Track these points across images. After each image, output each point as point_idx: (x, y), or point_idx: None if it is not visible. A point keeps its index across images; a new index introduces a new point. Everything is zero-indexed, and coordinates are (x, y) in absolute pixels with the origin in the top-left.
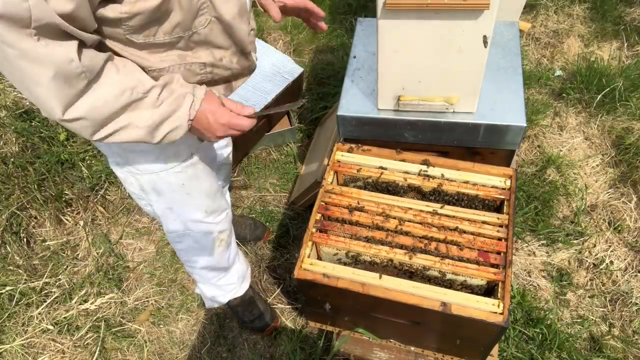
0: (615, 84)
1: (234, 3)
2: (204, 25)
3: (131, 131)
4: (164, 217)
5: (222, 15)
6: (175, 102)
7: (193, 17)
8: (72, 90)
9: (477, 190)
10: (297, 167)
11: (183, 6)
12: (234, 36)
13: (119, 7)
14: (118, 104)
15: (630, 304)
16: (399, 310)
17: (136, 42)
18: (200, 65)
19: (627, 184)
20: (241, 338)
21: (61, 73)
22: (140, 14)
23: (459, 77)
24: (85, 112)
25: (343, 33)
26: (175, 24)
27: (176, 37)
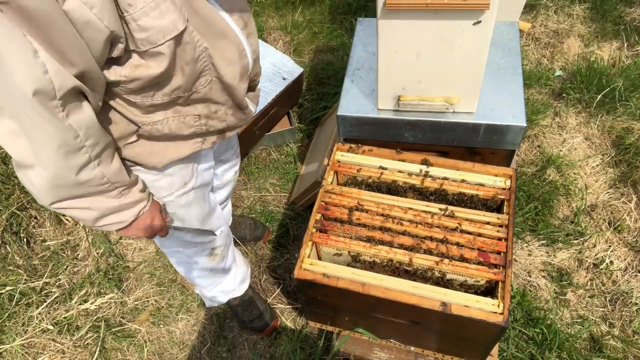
0: (615, 84)
1: (236, 65)
2: (204, 85)
3: (85, 212)
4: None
5: (223, 77)
6: (131, 200)
7: (194, 80)
8: (69, 164)
9: (477, 190)
10: (297, 167)
11: (185, 72)
12: (232, 95)
13: (120, 70)
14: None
15: (630, 304)
16: (399, 310)
17: (132, 100)
18: (194, 117)
19: (627, 184)
20: (241, 338)
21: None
22: (140, 79)
23: (459, 77)
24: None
25: (343, 33)
26: (176, 87)
27: (175, 97)
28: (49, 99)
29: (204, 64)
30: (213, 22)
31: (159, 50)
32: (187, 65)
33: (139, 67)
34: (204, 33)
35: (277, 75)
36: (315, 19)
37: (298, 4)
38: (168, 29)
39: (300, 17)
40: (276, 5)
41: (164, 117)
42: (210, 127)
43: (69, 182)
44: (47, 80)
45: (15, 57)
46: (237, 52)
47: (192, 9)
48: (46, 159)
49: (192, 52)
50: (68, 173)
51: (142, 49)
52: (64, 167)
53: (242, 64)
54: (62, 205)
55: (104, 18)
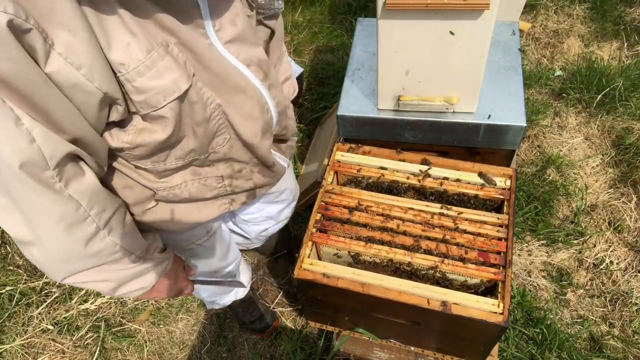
0: (615, 84)
1: (256, 121)
2: (222, 145)
3: (101, 284)
4: None
5: (242, 135)
6: (151, 264)
7: (209, 141)
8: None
9: (477, 190)
10: (297, 167)
11: (198, 134)
12: (255, 153)
13: (122, 136)
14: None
15: (630, 304)
16: (399, 310)
17: (142, 167)
18: (217, 178)
19: (627, 184)
20: (241, 338)
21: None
22: (143, 145)
23: (459, 77)
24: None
25: (343, 33)
26: (189, 150)
27: (190, 160)
28: (41, 169)
29: (218, 123)
30: (226, 76)
31: (161, 114)
32: (198, 126)
33: (142, 131)
34: (216, 89)
35: None
36: (315, 19)
37: (298, 4)
38: (169, 90)
39: (300, 17)
40: None
41: (182, 180)
42: (236, 187)
43: (77, 255)
44: (34, 150)
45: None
46: (258, 107)
47: (200, 63)
48: (46, 236)
49: (202, 111)
50: (74, 247)
51: (142, 112)
52: (67, 241)
53: (264, 119)
54: (75, 280)
55: (94, 79)
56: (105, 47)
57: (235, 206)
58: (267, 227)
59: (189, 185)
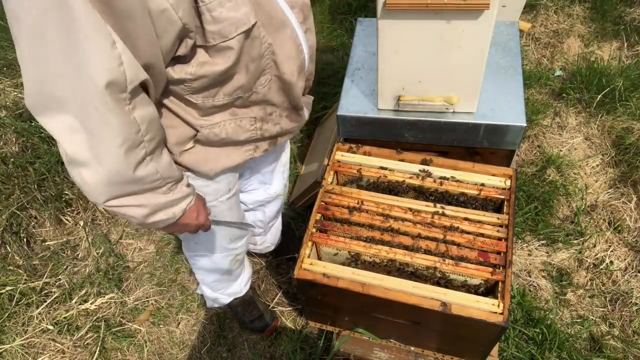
0: (615, 84)
1: (294, 60)
2: (264, 85)
3: (137, 209)
4: (186, 239)
5: (283, 74)
6: (180, 196)
7: (256, 79)
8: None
9: (477, 190)
10: (297, 167)
11: (250, 70)
12: (290, 94)
13: (185, 68)
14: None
15: (630, 304)
16: (399, 310)
17: (193, 101)
18: (250, 120)
19: (627, 184)
20: (241, 338)
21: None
22: (205, 77)
23: (459, 77)
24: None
25: (343, 33)
26: (238, 86)
27: (235, 98)
28: (120, 91)
29: (266, 62)
30: (274, 14)
31: (229, 45)
32: (252, 62)
33: (205, 64)
34: (267, 27)
35: None
36: (315, 19)
37: None
38: (241, 22)
39: None
40: None
41: (222, 119)
42: (264, 131)
43: (125, 179)
44: (120, 72)
45: (94, 47)
46: (295, 47)
47: (257, 2)
48: (107, 155)
49: (258, 48)
50: (126, 170)
51: (211, 44)
52: (123, 163)
53: (300, 59)
54: (115, 204)
55: (178, 9)
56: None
57: (258, 153)
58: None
59: (227, 124)
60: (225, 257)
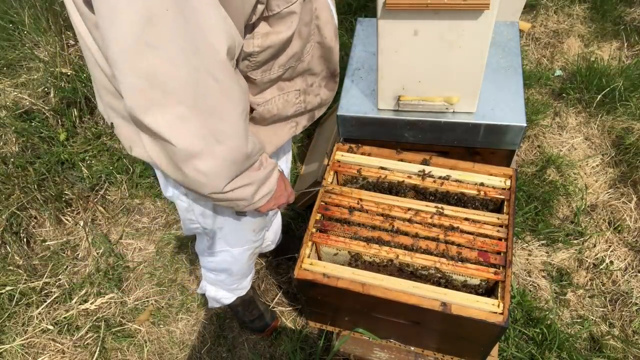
0: (615, 84)
1: (331, 24)
2: (309, 52)
3: (246, 189)
4: (207, 236)
5: (325, 38)
6: (270, 169)
7: (305, 45)
8: (245, 132)
9: (477, 190)
10: (297, 167)
11: (303, 35)
12: (329, 59)
13: (252, 41)
14: (252, 161)
15: (630, 304)
16: (399, 310)
17: (253, 78)
18: (295, 93)
19: (627, 184)
20: (241, 338)
21: (245, 111)
22: (271, 47)
23: (459, 77)
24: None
25: (343, 33)
26: (292, 54)
27: (286, 69)
28: (231, 58)
29: (313, 27)
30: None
31: (292, 9)
32: (305, 26)
33: (269, 34)
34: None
35: None
36: None
37: None
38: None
39: None
40: None
41: (272, 96)
42: (307, 103)
43: (242, 154)
44: (233, 38)
45: (212, 14)
46: (329, 12)
47: None
48: (230, 128)
49: (310, 12)
50: (244, 142)
51: (275, 11)
52: (243, 135)
53: (334, 24)
54: (233, 186)
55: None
56: None
57: (299, 129)
58: None
59: (276, 100)
60: (247, 250)
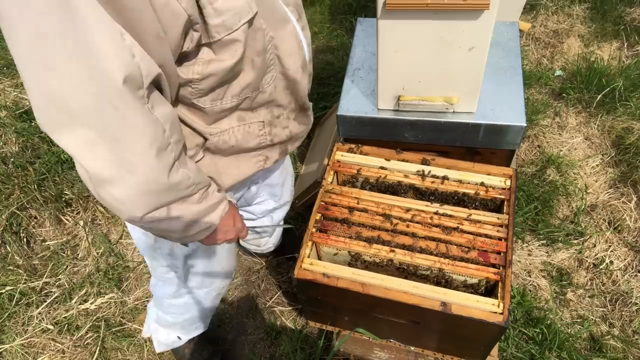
0: (615, 84)
1: (297, 56)
2: (269, 83)
3: (174, 222)
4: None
5: (288, 70)
6: (213, 202)
7: (262, 75)
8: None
9: (477, 190)
10: (297, 167)
11: (256, 64)
12: (295, 92)
13: (193, 67)
14: (182, 194)
15: (630, 304)
16: (399, 310)
17: (201, 106)
18: (259, 124)
19: (627, 184)
20: (241, 338)
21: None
22: (213, 75)
23: (459, 77)
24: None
25: (343, 33)
26: (245, 85)
27: (242, 99)
28: (136, 87)
29: (270, 56)
30: (274, 9)
31: (234, 37)
32: (257, 56)
33: (211, 62)
34: (268, 20)
35: None
36: (315, 19)
37: None
38: (244, 11)
39: None
40: None
41: (229, 126)
42: (274, 136)
43: (160, 186)
44: (135, 65)
45: (104, 39)
46: (296, 43)
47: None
48: (138, 160)
49: (262, 40)
50: (160, 174)
51: (216, 38)
52: (156, 167)
53: (301, 55)
54: (154, 216)
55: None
56: None
57: (269, 164)
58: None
59: (235, 130)
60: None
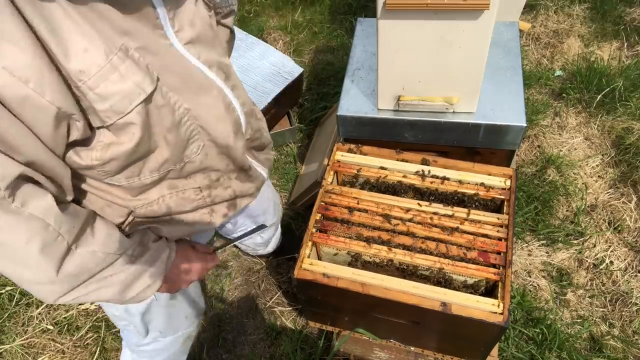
0: (615, 84)
1: (226, 121)
2: (197, 153)
3: (103, 291)
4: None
5: (216, 138)
6: (150, 257)
7: (183, 149)
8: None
9: (477, 190)
10: (297, 167)
11: (169, 141)
12: (231, 156)
13: (90, 153)
14: (94, 271)
15: (630, 304)
16: (399, 310)
17: (116, 184)
18: (195, 190)
19: (627, 184)
20: (241, 338)
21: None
22: (115, 159)
23: (459, 77)
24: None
25: (343, 33)
26: (163, 160)
27: (165, 172)
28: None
29: (190, 128)
30: (190, 77)
31: (128, 120)
32: (169, 133)
33: (110, 145)
34: (182, 92)
35: (277, 75)
36: (315, 19)
37: (298, 4)
38: (134, 93)
39: (300, 17)
40: (276, 5)
41: (159, 195)
42: (215, 197)
43: (58, 277)
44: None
45: None
46: (224, 106)
47: (163, 66)
48: (26, 257)
49: (170, 116)
50: (48, 270)
51: (108, 123)
52: (42, 264)
53: (233, 118)
54: (71, 297)
55: (44, 92)
56: (61, 57)
57: (216, 218)
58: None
59: (166, 199)
60: (180, 337)
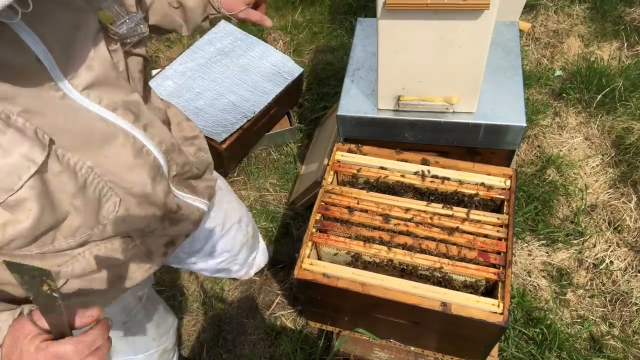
0: (615, 84)
1: (140, 168)
2: (115, 211)
3: None
4: None
5: (131, 189)
6: None
7: (96, 211)
8: None
9: (477, 190)
10: (297, 167)
11: (78, 207)
12: (154, 203)
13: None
14: None
15: (630, 304)
16: (399, 310)
17: (28, 254)
18: (123, 240)
19: (627, 184)
20: (241, 338)
21: None
22: (18, 238)
23: (459, 77)
24: None
25: (343, 33)
26: (77, 227)
27: (84, 236)
28: None
29: (98, 187)
30: (90, 129)
31: (20, 197)
32: (75, 198)
33: (6, 224)
34: (82, 149)
35: (277, 75)
36: (315, 19)
37: (298, 4)
38: (22, 166)
39: (300, 17)
40: (276, 5)
41: (84, 249)
42: (150, 244)
43: None
44: None
45: None
46: (133, 153)
47: (57, 124)
48: None
49: (72, 181)
50: None
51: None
52: None
53: (148, 162)
54: None
55: None
56: None
57: (156, 265)
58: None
59: (93, 251)
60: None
